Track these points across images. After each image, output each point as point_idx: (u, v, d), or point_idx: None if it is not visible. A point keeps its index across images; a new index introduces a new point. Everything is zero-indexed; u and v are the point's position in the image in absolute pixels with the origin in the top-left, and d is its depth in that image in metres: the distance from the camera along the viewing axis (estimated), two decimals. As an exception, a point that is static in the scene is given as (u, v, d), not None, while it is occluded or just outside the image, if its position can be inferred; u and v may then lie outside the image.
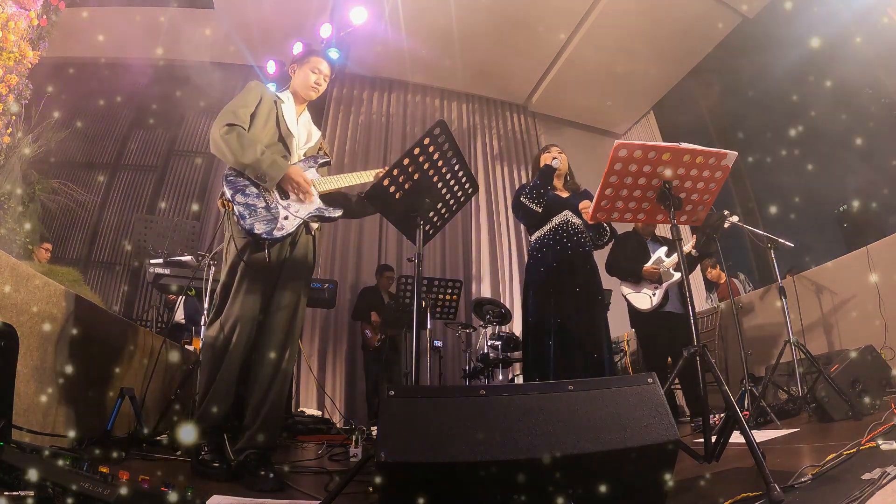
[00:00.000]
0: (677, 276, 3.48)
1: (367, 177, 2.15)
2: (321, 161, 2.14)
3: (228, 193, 1.92)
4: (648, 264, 3.60)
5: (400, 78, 7.08)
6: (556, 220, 2.77)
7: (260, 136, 2.03)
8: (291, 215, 1.95)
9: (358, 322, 5.30)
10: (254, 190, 1.94)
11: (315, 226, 2.11)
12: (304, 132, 2.20)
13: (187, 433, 1.83)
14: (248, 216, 1.88)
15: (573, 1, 5.82)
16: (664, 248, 3.64)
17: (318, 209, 2.03)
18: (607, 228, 2.84)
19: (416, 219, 1.95)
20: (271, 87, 5.37)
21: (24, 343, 1.78)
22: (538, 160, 2.97)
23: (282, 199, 1.97)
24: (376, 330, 5.02)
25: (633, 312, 3.73)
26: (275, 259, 1.94)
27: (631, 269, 3.65)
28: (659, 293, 3.56)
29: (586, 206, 2.69)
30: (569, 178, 2.98)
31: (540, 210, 2.72)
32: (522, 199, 2.74)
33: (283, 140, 2.09)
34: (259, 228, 1.87)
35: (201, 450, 1.84)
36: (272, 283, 1.96)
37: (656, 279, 3.58)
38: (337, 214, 2.07)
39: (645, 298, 3.61)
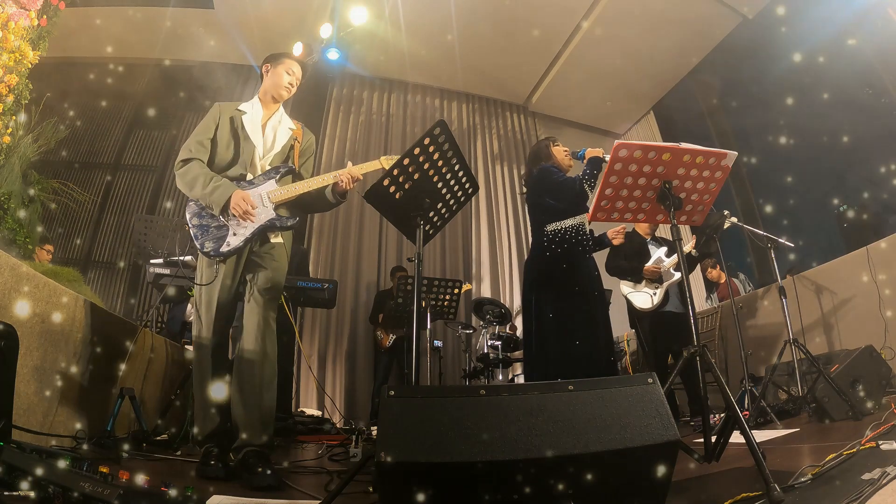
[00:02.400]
0: (677, 275, 3.49)
1: (325, 180, 2.14)
2: (283, 171, 2.15)
3: (188, 216, 2.07)
4: (649, 264, 3.61)
5: (400, 78, 7.08)
6: (578, 219, 2.69)
7: (223, 157, 2.11)
8: (239, 232, 2.03)
9: (374, 324, 5.31)
10: (209, 211, 2.05)
11: (273, 235, 2.12)
12: (269, 137, 2.19)
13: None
14: (200, 236, 2.02)
15: (573, 1, 5.82)
16: (664, 249, 3.65)
17: (270, 220, 2.06)
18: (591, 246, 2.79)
19: (416, 219, 1.95)
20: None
21: (24, 343, 1.78)
22: (548, 149, 2.82)
23: (234, 217, 2.02)
24: (385, 331, 5.03)
25: (634, 312, 3.73)
26: (230, 272, 2.03)
27: (632, 268, 3.65)
28: (660, 292, 3.57)
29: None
30: None
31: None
32: (585, 186, 2.52)
33: (243, 156, 2.12)
34: (207, 246, 2.00)
35: (211, 451, 1.88)
36: (238, 292, 2.06)
37: (657, 279, 3.59)
38: (291, 223, 2.11)
39: (646, 297, 3.62)
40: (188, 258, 3.64)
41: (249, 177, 2.11)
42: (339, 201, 2.19)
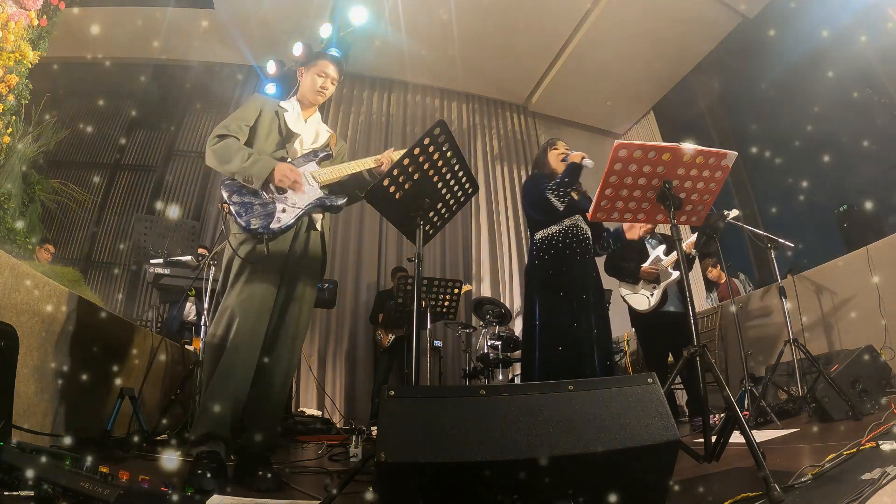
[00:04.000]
0: (675, 274, 3.48)
1: (368, 163, 2.15)
2: (322, 155, 2.14)
3: (225, 195, 1.95)
4: (647, 264, 3.59)
5: (400, 78, 7.08)
6: (567, 222, 2.70)
7: (262, 147, 2.05)
8: (289, 207, 1.96)
9: (374, 324, 5.32)
10: (249, 188, 1.96)
11: (319, 219, 2.10)
12: (311, 131, 2.20)
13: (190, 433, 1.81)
14: (244, 214, 1.91)
15: (573, 1, 5.82)
16: (663, 247, 3.64)
17: (320, 199, 2.03)
18: (610, 243, 2.80)
19: (416, 219, 1.94)
20: (271, 87, 5.37)
21: (24, 343, 1.78)
22: (545, 154, 2.87)
23: (279, 194, 1.97)
24: (385, 331, 5.04)
25: (633, 313, 3.73)
26: (274, 254, 1.92)
27: (629, 268, 3.64)
28: (657, 293, 3.55)
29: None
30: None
31: (563, 208, 2.63)
32: (548, 195, 2.61)
33: (287, 144, 2.09)
34: (255, 224, 1.89)
35: (202, 457, 1.74)
36: (274, 281, 1.94)
37: (654, 279, 3.57)
38: (341, 202, 2.07)
39: (643, 299, 3.61)
40: (188, 258, 3.64)
41: (289, 160, 2.07)
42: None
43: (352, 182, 2.18)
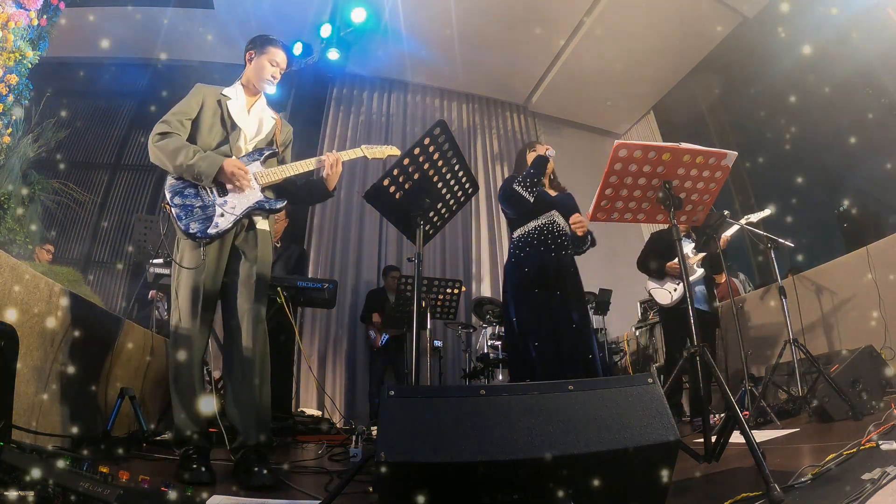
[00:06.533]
0: (700, 271, 3.59)
1: (308, 165, 2.12)
2: (267, 153, 2.10)
3: (168, 196, 1.94)
4: (674, 260, 3.67)
5: (400, 78, 7.08)
6: (542, 219, 2.71)
7: (206, 142, 2.02)
8: (227, 213, 1.94)
9: (365, 323, 5.33)
10: (192, 191, 1.94)
11: (260, 220, 2.07)
12: (254, 123, 2.14)
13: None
14: (184, 217, 1.90)
15: (573, 1, 5.82)
16: (692, 245, 3.72)
17: (259, 202, 2.00)
18: (588, 239, 2.75)
19: (416, 219, 1.94)
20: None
21: (24, 343, 1.78)
22: (523, 155, 2.91)
23: (219, 197, 1.95)
24: (379, 331, 5.04)
25: (660, 308, 3.83)
26: (213, 257, 1.93)
27: (655, 265, 3.74)
28: (680, 289, 3.62)
29: (577, 221, 2.63)
30: (553, 177, 2.92)
31: (532, 200, 2.66)
32: (516, 187, 2.67)
33: (230, 139, 2.05)
34: (193, 228, 1.88)
35: (190, 455, 1.79)
36: (216, 280, 1.95)
37: (679, 275, 3.65)
38: (280, 205, 2.05)
39: (666, 294, 3.69)
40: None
41: (234, 157, 2.05)
42: (328, 194, 2.19)
43: (302, 191, 2.15)
